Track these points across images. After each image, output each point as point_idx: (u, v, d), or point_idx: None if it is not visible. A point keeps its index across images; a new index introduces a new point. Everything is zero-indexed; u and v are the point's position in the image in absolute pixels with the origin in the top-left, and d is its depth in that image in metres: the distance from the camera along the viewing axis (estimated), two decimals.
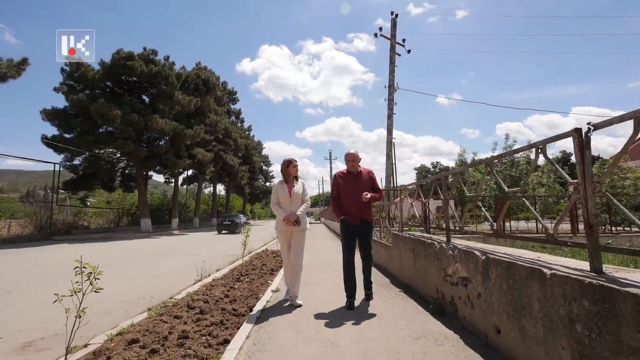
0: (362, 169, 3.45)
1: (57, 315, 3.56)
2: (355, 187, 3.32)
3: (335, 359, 2.08)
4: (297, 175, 3.54)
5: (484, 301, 2.18)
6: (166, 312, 3.27)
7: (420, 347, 2.20)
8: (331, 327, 2.65)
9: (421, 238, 3.59)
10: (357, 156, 3.40)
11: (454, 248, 2.69)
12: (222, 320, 2.95)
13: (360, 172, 3.42)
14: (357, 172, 3.41)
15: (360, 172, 3.42)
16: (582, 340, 1.37)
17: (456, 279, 2.62)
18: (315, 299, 3.56)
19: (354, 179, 3.38)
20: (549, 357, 1.56)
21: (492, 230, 2.74)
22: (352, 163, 3.38)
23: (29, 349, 2.81)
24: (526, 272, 1.73)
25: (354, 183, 3.35)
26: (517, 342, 1.81)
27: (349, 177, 3.40)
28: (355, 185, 3.33)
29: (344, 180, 3.40)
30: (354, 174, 3.40)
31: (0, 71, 9.00)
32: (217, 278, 4.95)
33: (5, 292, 4.85)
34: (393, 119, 13.65)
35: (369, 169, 3.50)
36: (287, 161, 3.51)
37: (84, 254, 7.87)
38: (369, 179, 3.41)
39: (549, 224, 1.90)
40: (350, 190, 3.33)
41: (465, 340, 2.28)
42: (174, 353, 2.28)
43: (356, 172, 3.41)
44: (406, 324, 2.68)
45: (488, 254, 2.16)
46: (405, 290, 3.85)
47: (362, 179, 3.38)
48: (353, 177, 3.39)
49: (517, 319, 1.81)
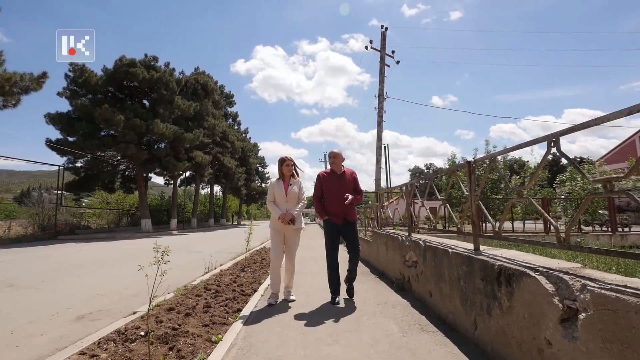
0: (346, 169, 3.47)
1: (94, 296, 4.41)
2: (339, 187, 3.33)
3: (319, 316, 2.97)
4: (292, 173, 3.48)
5: (423, 275, 3.10)
6: (188, 292, 4.11)
7: (380, 309, 3.11)
8: (316, 299, 3.55)
9: (391, 233, 4.51)
10: (341, 155, 3.42)
11: (410, 240, 3.61)
12: (234, 297, 3.83)
13: (343, 172, 3.43)
14: (340, 172, 3.42)
15: (344, 172, 3.43)
16: (462, 289, 2.29)
17: (410, 263, 3.53)
18: (307, 283, 4.45)
19: (338, 179, 3.38)
20: (452, 304, 2.48)
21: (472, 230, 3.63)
22: (334, 160, 3.39)
23: (84, 320, 3.63)
24: (442, 252, 2.65)
25: (337, 183, 3.35)
26: (439, 300, 2.73)
27: (333, 177, 3.40)
28: (339, 185, 3.34)
29: (327, 180, 3.40)
30: (338, 174, 3.41)
31: (24, 85, 9.71)
32: (224, 269, 5.81)
33: (40, 282, 5.64)
34: (383, 126, 14.63)
35: (352, 170, 3.52)
36: (281, 159, 3.47)
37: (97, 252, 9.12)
38: (352, 179, 3.42)
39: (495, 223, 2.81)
40: (333, 190, 3.34)
41: (413, 304, 3.20)
42: (203, 316, 3.14)
43: (339, 171, 3.42)
44: (374, 296, 3.59)
45: (426, 243, 3.07)
46: (381, 276, 4.76)
47: (345, 179, 3.39)
48: (337, 177, 3.40)
49: (438, 284, 2.73)
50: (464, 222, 3.21)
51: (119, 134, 17.10)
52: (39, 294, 4.56)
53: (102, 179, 20.00)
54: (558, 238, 1.57)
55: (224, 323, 2.93)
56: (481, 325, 2.04)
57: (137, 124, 16.87)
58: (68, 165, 18.68)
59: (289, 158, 3.46)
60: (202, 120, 22.87)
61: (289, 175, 3.45)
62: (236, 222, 41.51)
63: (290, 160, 3.46)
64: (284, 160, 3.44)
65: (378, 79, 14.91)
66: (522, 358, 1.63)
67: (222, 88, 31.02)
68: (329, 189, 3.37)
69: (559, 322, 1.38)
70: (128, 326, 2.82)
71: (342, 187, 3.33)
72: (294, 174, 3.48)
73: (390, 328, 2.60)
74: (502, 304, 1.80)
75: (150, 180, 23.76)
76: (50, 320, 3.50)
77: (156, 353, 2.28)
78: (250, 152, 36.02)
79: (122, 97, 19.37)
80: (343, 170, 3.44)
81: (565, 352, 1.35)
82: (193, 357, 2.21)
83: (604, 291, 1.18)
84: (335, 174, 3.41)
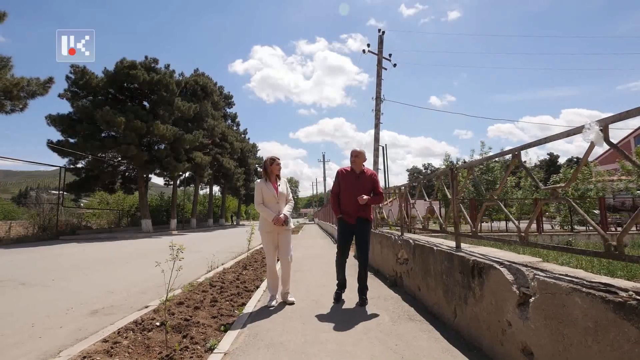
0: (366, 169, 3.41)
1: (104, 293, 4.65)
2: (356, 186, 3.28)
3: (318, 309, 3.25)
4: (279, 173, 3.43)
5: (413, 271, 3.39)
6: (195, 289, 4.38)
7: (373, 302, 3.39)
8: (316, 294, 3.83)
9: (385, 233, 4.80)
10: (363, 154, 3.37)
11: (402, 239, 3.90)
12: (238, 293, 4.10)
13: (363, 172, 3.37)
14: (360, 171, 3.36)
15: (364, 172, 3.37)
16: (445, 283, 2.57)
17: (402, 260, 3.82)
18: (307, 280, 4.73)
19: (356, 178, 3.33)
20: (437, 296, 2.76)
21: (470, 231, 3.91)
22: (355, 159, 3.34)
23: (98, 314, 3.88)
24: (428, 250, 2.94)
25: (355, 182, 3.31)
26: (426, 293, 3.02)
27: (351, 176, 3.35)
28: (357, 184, 3.29)
29: (346, 178, 3.35)
30: (357, 173, 3.35)
31: (30, 90, 9.96)
32: (226, 268, 6.08)
33: (51, 280, 5.88)
34: (380, 128, 14.94)
35: (373, 171, 3.47)
36: (270, 159, 3.40)
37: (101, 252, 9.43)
38: (372, 180, 3.36)
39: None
40: (350, 189, 3.29)
41: (404, 298, 3.49)
42: (211, 309, 3.41)
43: (359, 171, 3.36)
44: (369, 292, 3.86)
45: (415, 241, 3.36)
46: (376, 273, 5.05)
47: (364, 179, 3.33)
48: (355, 176, 3.34)
49: (425, 279, 3.02)
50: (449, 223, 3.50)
51: (120, 135, 17.32)
52: (51, 292, 4.80)
53: (102, 179, 20.20)
54: (519, 236, 1.85)
55: (230, 315, 3.20)
56: (459, 313, 2.33)
57: (138, 126, 17.10)
58: (69, 166, 18.88)
59: (277, 158, 3.42)
60: (202, 122, 23.12)
61: (277, 174, 3.40)
62: (235, 222, 41.72)
63: (279, 160, 3.42)
64: (274, 160, 3.38)
65: (376, 81, 15.22)
66: (490, 338, 1.92)
67: (221, 89, 31.27)
68: (346, 187, 3.32)
69: (517, 306, 1.67)
70: (144, 317, 3.08)
71: (359, 187, 3.27)
72: (279, 173, 3.44)
73: (382, 318, 2.88)
74: (475, 293, 2.09)
75: (150, 180, 23.97)
76: (66, 314, 3.75)
77: (172, 340, 2.55)
78: (249, 152, 36.27)
79: (122, 99, 19.58)
80: (363, 170, 3.38)
81: (521, 331, 1.63)
82: (205, 343, 2.48)
83: (547, 279, 1.47)
84: (354, 173, 3.35)
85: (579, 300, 1.27)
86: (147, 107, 20.04)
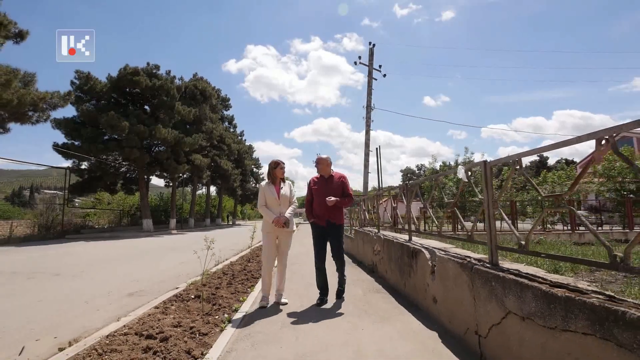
0: (335, 173, 3.59)
1: (131, 282, 5.43)
2: (325, 190, 3.46)
3: (311, 287, 4.30)
4: (283, 176, 3.54)
5: (383, 259, 4.47)
6: (211, 276, 5.39)
7: (352, 282, 4.47)
8: (308, 274, 4.89)
9: (366, 231, 5.88)
10: (325, 160, 3.54)
11: (377, 235, 4.98)
12: (247, 278, 5.13)
13: (331, 176, 3.56)
14: (328, 176, 3.56)
15: (332, 176, 3.56)
16: (399, 265, 3.65)
17: (377, 251, 4.90)
18: (302, 270, 5.79)
19: (325, 183, 3.52)
20: (395, 276, 3.84)
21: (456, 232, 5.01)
22: (320, 166, 3.53)
23: (134, 295, 4.82)
24: (390, 242, 4.02)
25: (323, 187, 3.49)
26: (390, 275, 4.10)
27: (321, 181, 3.55)
28: (325, 189, 3.47)
29: (317, 184, 3.55)
30: (326, 178, 3.55)
31: (53, 102, 10.81)
32: (233, 261, 7.10)
33: (80, 271, 6.77)
34: (370, 134, 16.06)
35: (342, 173, 3.64)
36: (274, 163, 3.53)
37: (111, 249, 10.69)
38: (340, 183, 3.53)
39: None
40: (321, 193, 3.46)
41: (376, 280, 4.58)
42: (228, 288, 4.44)
43: (327, 176, 3.55)
44: (350, 276, 4.94)
45: (385, 237, 4.45)
46: (359, 264, 6.13)
47: (333, 183, 3.52)
48: (324, 181, 3.54)
49: (389, 264, 4.10)
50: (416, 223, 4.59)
51: (123, 138, 18.12)
52: (84, 280, 5.55)
53: (104, 180, 20.95)
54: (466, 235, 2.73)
55: (245, 292, 4.24)
56: (407, 284, 3.41)
57: (140, 130, 17.93)
58: (74, 168, 19.60)
59: (282, 162, 3.56)
60: (201, 125, 23.99)
61: (281, 178, 3.53)
62: (231, 222, 42.56)
63: (284, 164, 3.57)
64: (277, 164, 3.51)
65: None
66: (420, 297, 3.00)
67: (219, 92, 32.13)
68: (317, 192, 3.51)
69: (430, 273, 2.75)
70: (181, 292, 4.10)
71: (330, 190, 3.44)
72: (283, 176, 3.56)
73: (357, 292, 3.95)
74: (414, 269, 3.17)
75: (150, 181, 24.75)
76: (108, 296, 4.63)
77: (206, 307, 3.57)
78: (246, 153, 37.17)
79: (124, 103, 20.38)
80: (331, 174, 3.57)
81: (432, 288, 2.71)
82: (230, 307, 3.51)
83: (441, 255, 2.55)
84: (323, 178, 3.55)
85: (451, 265, 2.35)
86: (148, 111, 20.86)
